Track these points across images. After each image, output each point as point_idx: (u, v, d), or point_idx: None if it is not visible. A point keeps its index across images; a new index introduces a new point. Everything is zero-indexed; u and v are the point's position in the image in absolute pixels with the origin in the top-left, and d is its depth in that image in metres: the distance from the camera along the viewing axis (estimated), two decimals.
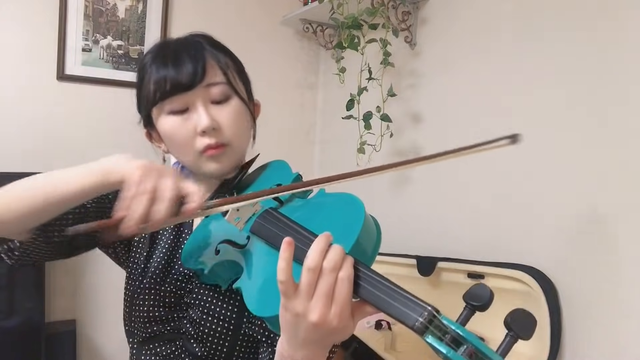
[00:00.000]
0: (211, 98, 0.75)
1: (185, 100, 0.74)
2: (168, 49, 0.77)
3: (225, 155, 0.77)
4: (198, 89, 0.74)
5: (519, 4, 1.29)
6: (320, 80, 2.28)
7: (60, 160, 1.78)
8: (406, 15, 1.61)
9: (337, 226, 0.59)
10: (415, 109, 1.65)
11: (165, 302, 0.79)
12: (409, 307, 0.49)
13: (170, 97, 0.74)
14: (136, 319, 0.80)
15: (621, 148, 1.05)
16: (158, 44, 0.81)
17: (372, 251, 0.60)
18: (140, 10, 1.89)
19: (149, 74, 0.76)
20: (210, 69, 0.75)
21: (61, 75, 1.78)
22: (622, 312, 1.03)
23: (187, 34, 0.81)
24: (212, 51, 0.77)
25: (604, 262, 1.07)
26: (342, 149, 2.04)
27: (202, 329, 0.75)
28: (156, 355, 0.79)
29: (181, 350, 0.78)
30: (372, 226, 0.62)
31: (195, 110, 0.75)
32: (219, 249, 0.72)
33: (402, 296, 0.50)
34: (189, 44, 0.77)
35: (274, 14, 2.12)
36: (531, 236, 1.23)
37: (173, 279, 0.81)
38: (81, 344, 1.88)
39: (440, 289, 1.41)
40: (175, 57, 0.74)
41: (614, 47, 1.07)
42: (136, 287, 0.82)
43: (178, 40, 0.79)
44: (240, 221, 0.69)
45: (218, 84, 0.75)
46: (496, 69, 1.35)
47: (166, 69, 0.74)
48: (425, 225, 1.60)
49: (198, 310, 0.76)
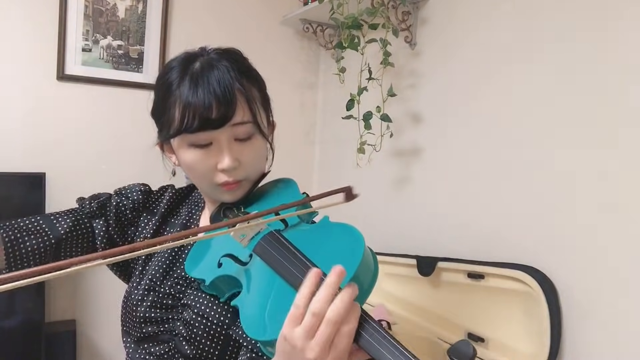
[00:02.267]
0: (235, 136, 0.75)
1: (210, 137, 0.73)
2: (196, 72, 0.73)
3: (241, 188, 0.78)
4: (225, 128, 0.73)
5: (519, 4, 1.29)
6: (320, 80, 2.28)
7: (60, 160, 1.79)
8: (406, 15, 1.61)
9: (337, 258, 0.60)
10: (415, 109, 1.65)
11: (162, 304, 0.80)
12: None
13: (196, 133, 0.73)
14: (132, 319, 0.80)
15: (621, 147, 1.05)
16: (183, 58, 0.77)
17: (369, 285, 0.61)
18: (140, 10, 1.89)
19: (175, 97, 0.74)
20: (239, 107, 0.73)
21: (61, 75, 1.78)
22: (622, 312, 1.03)
23: (214, 53, 0.77)
24: (240, 82, 0.74)
25: (604, 262, 1.07)
26: (342, 149, 2.04)
27: (194, 331, 0.75)
28: (150, 355, 0.80)
29: (174, 351, 0.78)
30: (370, 259, 0.63)
31: (217, 145, 0.74)
32: (221, 262, 0.72)
33: (403, 355, 0.51)
34: (219, 71, 0.73)
35: (274, 14, 2.12)
36: (531, 236, 1.23)
37: (173, 282, 0.81)
38: (81, 344, 1.88)
39: (440, 289, 1.41)
40: (205, 88, 0.71)
41: (614, 46, 1.07)
42: (134, 288, 0.83)
43: (207, 62, 0.75)
44: (245, 238, 0.70)
45: (245, 124, 0.74)
46: (496, 69, 1.35)
47: (195, 98, 0.71)
48: (425, 225, 1.60)
49: (192, 311, 0.77)
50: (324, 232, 0.70)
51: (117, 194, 0.90)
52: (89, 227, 0.85)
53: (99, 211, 0.87)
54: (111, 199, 0.89)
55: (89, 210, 0.86)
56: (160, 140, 0.81)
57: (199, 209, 0.91)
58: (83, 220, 0.85)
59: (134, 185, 0.92)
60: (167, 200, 0.91)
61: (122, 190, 0.91)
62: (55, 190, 1.71)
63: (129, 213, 0.88)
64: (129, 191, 0.90)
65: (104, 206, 0.87)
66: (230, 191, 0.78)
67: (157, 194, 0.93)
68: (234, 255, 0.72)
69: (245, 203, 0.82)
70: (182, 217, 0.90)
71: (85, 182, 1.80)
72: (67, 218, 0.83)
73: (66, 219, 0.83)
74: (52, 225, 0.81)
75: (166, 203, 0.91)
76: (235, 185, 0.77)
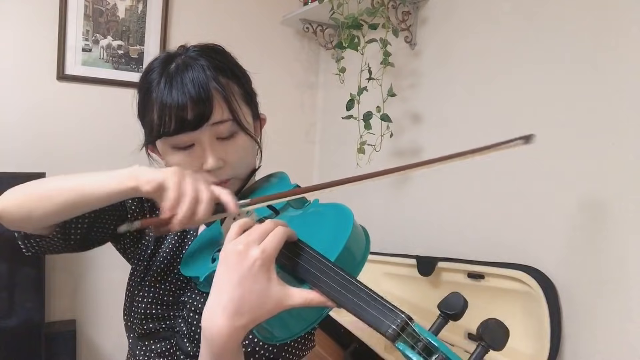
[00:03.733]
0: (217, 135, 0.74)
1: (191, 138, 0.73)
2: (172, 72, 0.73)
3: (230, 186, 0.78)
4: (204, 128, 0.72)
5: (519, 4, 1.29)
6: (320, 80, 2.28)
7: (61, 160, 1.79)
8: (406, 15, 1.61)
9: (326, 235, 0.61)
10: (415, 109, 1.65)
11: (164, 301, 0.80)
12: (383, 314, 0.49)
13: (174, 135, 0.73)
14: (134, 315, 0.81)
15: (622, 147, 1.05)
16: (163, 58, 0.77)
17: (361, 259, 0.61)
18: (140, 10, 1.89)
19: (152, 99, 0.74)
20: (217, 105, 0.72)
21: (61, 75, 1.78)
22: (622, 312, 1.03)
23: (191, 51, 0.77)
24: (217, 80, 0.73)
25: (604, 262, 1.07)
26: (342, 149, 2.04)
27: (193, 329, 0.76)
28: (151, 351, 0.80)
29: (175, 348, 0.79)
30: (361, 235, 0.64)
31: (200, 146, 0.74)
32: (214, 257, 0.73)
33: (377, 302, 0.50)
34: (194, 71, 0.72)
35: (274, 14, 2.12)
36: (531, 236, 1.23)
37: (175, 278, 0.82)
38: (81, 343, 1.88)
39: (440, 289, 1.41)
40: (180, 89, 0.71)
41: (614, 46, 1.07)
42: (137, 284, 0.83)
43: (183, 62, 0.74)
44: None
45: (224, 122, 0.74)
46: (496, 69, 1.35)
47: (170, 99, 0.71)
48: (425, 225, 1.60)
49: (191, 310, 0.77)
50: (314, 213, 0.71)
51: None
52: (123, 205, 0.86)
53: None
54: None
55: None
56: (145, 143, 0.81)
57: None
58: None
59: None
60: None
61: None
62: None
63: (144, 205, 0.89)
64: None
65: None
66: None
67: None
68: None
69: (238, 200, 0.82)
70: None
71: None
72: None
73: None
74: None
75: None
76: (224, 185, 0.76)
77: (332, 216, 0.66)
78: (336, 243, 0.58)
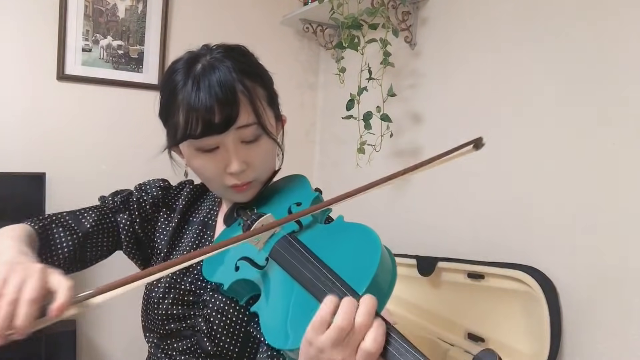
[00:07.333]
0: (242, 139, 0.74)
1: (216, 141, 0.73)
2: (199, 74, 0.72)
3: (251, 189, 0.79)
4: (229, 131, 0.72)
5: (519, 4, 1.29)
6: (320, 80, 2.28)
7: (60, 160, 1.79)
8: (406, 15, 1.61)
9: (354, 263, 0.60)
10: (415, 109, 1.65)
11: (184, 301, 0.80)
12: None
13: (201, 138, 0.72)
14: (154, 316, 0.81)
15: (621, 147, 1.05)
16: (187, 59, 0.76)
17: (388, 287, 0.60)
18: (140, 10, 1.89)
19: (179, 101, 0.73)
20: (243, 109, 0.72)
21: (61, 75, 1.78)
22: (622, 312, 1.03)
23: (216, 52, 0.76)
24: (243, 82, 0.72)
25: (604, 262, 1.07)
26: (342, 149, 2.04)
27: (214, 328, 0.76)
28: (173, 350, 0.80)
29: (196, 347, 0.79)
30: (389, 261, 0.62)
31: (224, 149, 0.74)
32: (238, 265, 0.72)
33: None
34: (221, 72, 0.72)
35: (274, 14, 2.12)
36: (531, 236, 1.23)
37: (193, 278, 0.82)
38: (81, 344, 1.88)
39: (440, 289, 1.41)
40: (207, 91, 0.70)
41: (614, 46, 1.07)
42: (154, 285, 0.83)
43: (209, 63, 0.73)
44: (260, 241, 0.69)
45: (250, 126, 0.73)
46: (496, 69, 1.35)
47: (197, 102, 0.70)
48: (425, 225, 1.60)
49: (212, 310, 0.77)
50: (340, 233, 0.68)
51: (138, 189, 0.91)
52: (114, 222, 0.87)
53: (122, 206, 0.88)
54: (132, 194, 0.90)
55: (112, 205, 0.88)
56: (168, 145, 0.81)
57: (216, 205, 0.91)
58: (107, 215, 0.86)
59: (154, 180, 0.93)
60: (184, 196, 0.92)
61: (142, 186, 0.92)
62: (55, 190, 1.71)
63: (149, 208, 0.89)
64: (148, 187, 0.91)
65: (126, 201, 0.88)
66: (241, 193, 0.78)
67: (176, 189, 0.94)
68: (250, 258, 0.72)
69: (257, 202, 0.82)
70: (202, 213, 0.90)
71: (85, 182, 1.81)
72: (92, 213, 0.85)
73: (91, 214, 0.84)
74: (78, 220, 0.83)
75: (184, 199, 0.91)
76: (246, 187, 0.78)
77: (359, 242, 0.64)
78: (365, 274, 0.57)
